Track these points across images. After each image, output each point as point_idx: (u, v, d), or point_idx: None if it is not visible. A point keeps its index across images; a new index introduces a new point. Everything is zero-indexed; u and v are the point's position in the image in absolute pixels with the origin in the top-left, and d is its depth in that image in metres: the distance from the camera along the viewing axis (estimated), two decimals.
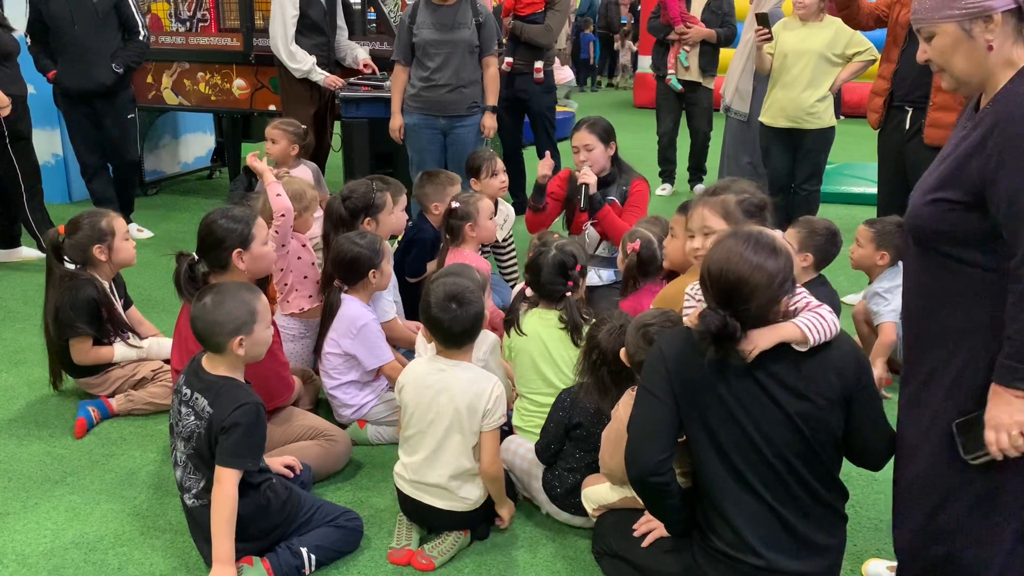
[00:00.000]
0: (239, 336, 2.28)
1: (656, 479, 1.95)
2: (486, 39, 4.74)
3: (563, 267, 2.76)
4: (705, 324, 1.85)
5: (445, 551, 2.43)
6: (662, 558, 2.13)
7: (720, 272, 1.86)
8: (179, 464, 2.35)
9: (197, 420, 2.27)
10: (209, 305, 2.28)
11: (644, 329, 2.20)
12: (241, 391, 2.29)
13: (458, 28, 4.64)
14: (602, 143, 3.85)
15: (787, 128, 4.90)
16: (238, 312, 2.29)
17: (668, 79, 6.61)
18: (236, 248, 2.74)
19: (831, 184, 6.46)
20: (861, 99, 9.72)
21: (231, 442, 2.21)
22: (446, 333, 2.41)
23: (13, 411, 3.31)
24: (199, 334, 2.31)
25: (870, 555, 2.48)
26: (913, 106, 4.03)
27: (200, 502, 2.30)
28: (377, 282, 3.10)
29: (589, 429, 2.49)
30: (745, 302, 1.84)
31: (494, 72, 4.86)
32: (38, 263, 4.99)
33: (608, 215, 3.78)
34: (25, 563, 2.42)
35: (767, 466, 1.92)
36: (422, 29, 4.65)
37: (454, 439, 2.38)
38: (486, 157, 4.18)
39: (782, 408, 1.89)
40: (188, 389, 2.32)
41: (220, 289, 2.35)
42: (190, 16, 6.06)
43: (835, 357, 1.92)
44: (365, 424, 3.08)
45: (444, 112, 4.72)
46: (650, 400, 1.97)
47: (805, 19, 4.78)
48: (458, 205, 3.56)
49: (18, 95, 4.74)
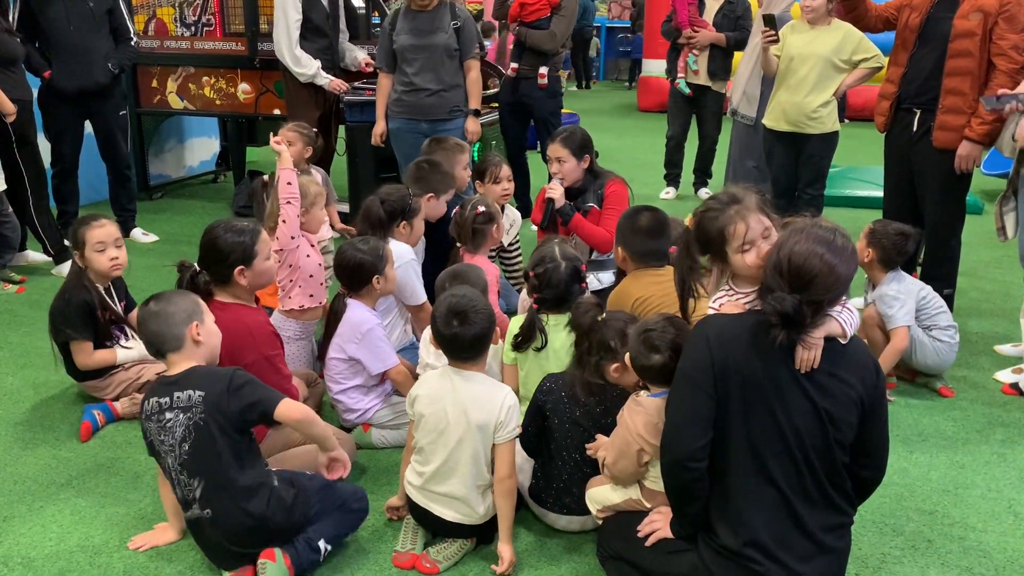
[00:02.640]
0: (193, 322, 2.35)
1: (694, 464, 1.98)
2: (465, 43, 4.76)
3: (576, 273, 2.80)
4: (780, 305, 1.89)
5: (450, 556, 2.42)
6: (667, 559, 2.13)
7: (803, 262, 1.90)
8: (175, 482, 2.32)
9: (187, 413, 2.25)
10: (154, 307, 2.35)
11: (646, 334, 2.22)
12: (213, 370, 2.36)
13: (436, 33, 4.66)
14: (575, 157, 3.84)
15: (789, 132, 4.89)
16: (184, 303, 2.38)
17: (676, 83, 6.62)
18: (239, 265, 2.74)
19: (836, 188, 6.45)
20: (866, 102, 9.72)
21: (256, 392, 2.28)
22: (453, 347, 2.40)
23: (19, 414, 3.31)
24: (154, 337, 2.35)
25: (875, 559, 2.47)
26: (921, 109, 4.02)
27: (204, 512, 2.28)
28: (382, 287, 3.10)
29: (559, 420, 2.50)
30: (820, 294, 1.90)
31: (476, 76, 4.86)
32: (44, 266, 5.01)
33: (580, 225, 3.79)
34: (31, 566, 2.42)
35: (789, 458, 1.95)
36: (400, 35, 4.69)
37: (466, 451, 2.37)
38: (492, 162, 4.19)
39: (812, 402, 1.94)
40: (163, 399, 2.30)
41: (159, 296, 2.40)
42: (195, 20, 6.08)
43: (857, 359, 2.00)
44: (369, 428, 3.08)
45: (426, 116, 4.73)
46: (691, 386, 1.99)
47: (813, 23, 4.77)
48: (483, 209, 3.57)
49: (24, 100, 4.76)
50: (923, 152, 4.01)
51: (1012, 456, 3.07)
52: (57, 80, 5.08)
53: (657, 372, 2.20)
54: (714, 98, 6.59)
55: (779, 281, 1.92)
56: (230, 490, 2.26)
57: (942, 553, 2.51)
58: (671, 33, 6.59)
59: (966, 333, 4.01)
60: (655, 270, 2.95)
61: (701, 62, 6.46)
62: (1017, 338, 3.98)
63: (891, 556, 2.50)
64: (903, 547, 2.54)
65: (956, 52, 3.82)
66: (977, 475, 2.95)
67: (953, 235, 4.10)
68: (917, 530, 2.63)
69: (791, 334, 1.91)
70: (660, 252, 2.97)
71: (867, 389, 1.99)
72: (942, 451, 3.11)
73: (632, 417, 2.22)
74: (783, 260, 1.93)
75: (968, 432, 3.24)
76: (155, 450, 2.34)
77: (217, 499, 2.26)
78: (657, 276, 2.92)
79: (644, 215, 2.99)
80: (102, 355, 3.28)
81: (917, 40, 3.98)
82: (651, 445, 2.16)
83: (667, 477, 2.06)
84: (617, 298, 2.97)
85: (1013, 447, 3.13)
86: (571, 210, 3.80)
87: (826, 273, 1.90)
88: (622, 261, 3.06)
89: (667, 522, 2.16)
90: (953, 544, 2.55)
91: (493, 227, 3.60)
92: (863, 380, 1.99)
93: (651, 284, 2.90)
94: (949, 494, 2.83)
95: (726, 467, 2.00)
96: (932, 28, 3.92)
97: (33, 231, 5.02)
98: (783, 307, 1.89)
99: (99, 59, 5.16)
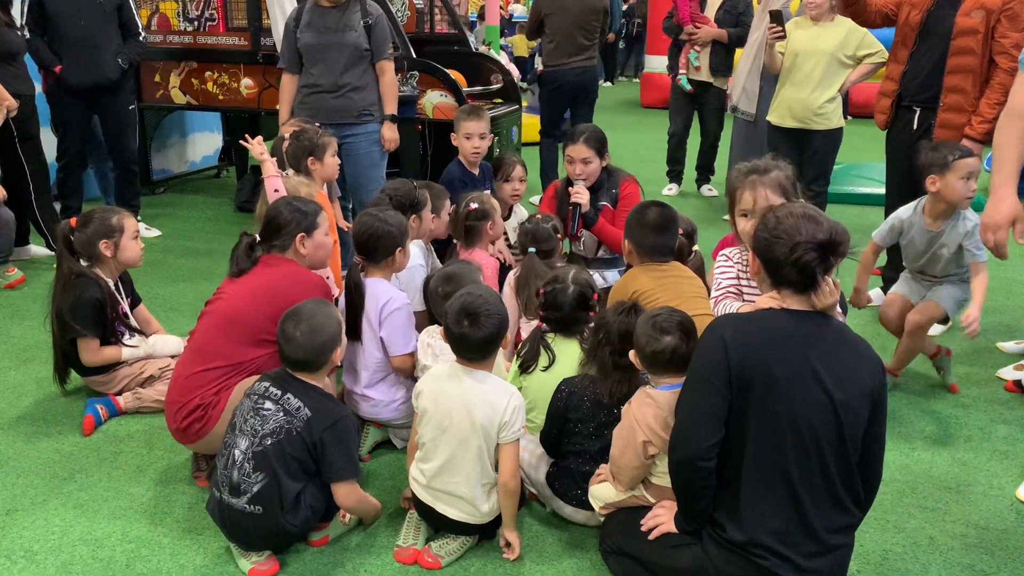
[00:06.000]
0: (337, 348, 2.48)
1: (703, 463, 1.99)
2: (377, 42, 4.40)
3: (584, 300, 2.75)
4: (816, 236, 1.96)
5: (452, 552, 2.43)
6: (670, 553, 2.14)
7: (844, 231, 2.01)
8: (235, 464, 2.34)
9: (288, 417, 2.33)
10: (306, 332, 2.39)
11: (653, 319, 2.26)
12: (331, 404, 2.43)
13: (344, 31, 4.32)
14: (599, 156, 3.82)
15: (795, 128, 4.88)
16: (331, 328, 2.46)
17: (678, 79, 6.61)
18: (300, 233, 2.82)
19: (838, 184, 6.45)
20: (868, 99, 9.70)
21: (339, 456, 2.36)
22: (461, 346, 2.39)
23: (21, 408, 3.32)
24: (303, 361, 2.41)
25: (876, 556, 2.47)
26: (921, 106, 4.01)
27: (252, 508, 2.30)
28: (400, 262, 3.04)
29: (586, 421, 2.49)
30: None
31: (390, 78, 4.49)
32: (47, 261, 5.01)
33: (603, 229, 3.78)
34: (33, 559, 2.42)
35: (803, 455, 1.96)
36: (304, 33, 4.37)
37: (469, 449, 2.36)
38: (508, 161, 4.19)
39: (829, 394, 1.95)
40: (277, 389, 2.39)
41: (302, 315, 2.43)
42: (198, 15, 6.07)
43: (866, 353, 2.03)
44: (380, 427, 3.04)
45: (330, 119, 4.29)
46: (704, 383, 2.00)
47: (817, 19, 4.77)
48: (476, 206, 3.56)
49: (26, 94, 4.76)
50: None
51: (1015, 453, 3.07)
52: (67, 75, 5.08)
53: (667, 358, 2.21)
54: (716, 94, 6.58)
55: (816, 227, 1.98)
56: (284, 500, 2.32)
57: (944, 551, 2.51)
58: (672, 30, 6.58)
59: None
60: (658, 265, 2.95)
61: (703, 58, 6.45)
62: (1020, 335, 3.98)
63: (893, 553, 2.50)
64: (905, 544, 2.54)
65: (958, 50, 3.81)
66: (980, 472, 2.94)
67: None
68: (919, 527, 2.63)
69: (828, 266, 1.97)
70: (665, 247, 2.98)
71: (875, 385, 2.01)
72: (944, 448, 3.10)
73: (641, 409, 2.22)
74: (832, 226, 2.01)
75: (971, 429, 3.23)
76: (231, 422, 2.42)
77: (269, 502, 2.30)
78: (660, 271, 2.93)
79: (652, 210, 2.99)
80: (109, 352, 3.28)
81: (918, 37, 3.98)
82: (659, 438, 2.16)
83: (675, 474, 2.07)
84: (618, 290, 2.98)
85: (1016, 444, 3.13)
86: (595, 215, 3.79)
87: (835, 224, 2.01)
88: (628, 254, 3.06)
89: (671, 516, 2.17)
90: (955, 542, 2.55)
91: (487, 224, 3.59)
92: (871, 374, 2.01)
93: (653, 278, 2.90)
94: (951, 491, 2.83)
95: (739, 464, 2.00)
96: (933, 25, 3.91)
97: (35, 226, 5.03)
98: (820, 237, 1.95)
99: (109, 54, 5.18)
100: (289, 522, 2.33)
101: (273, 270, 2.79)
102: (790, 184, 2.62)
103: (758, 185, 2.61)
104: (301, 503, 2.35)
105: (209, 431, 2.65)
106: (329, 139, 3.75)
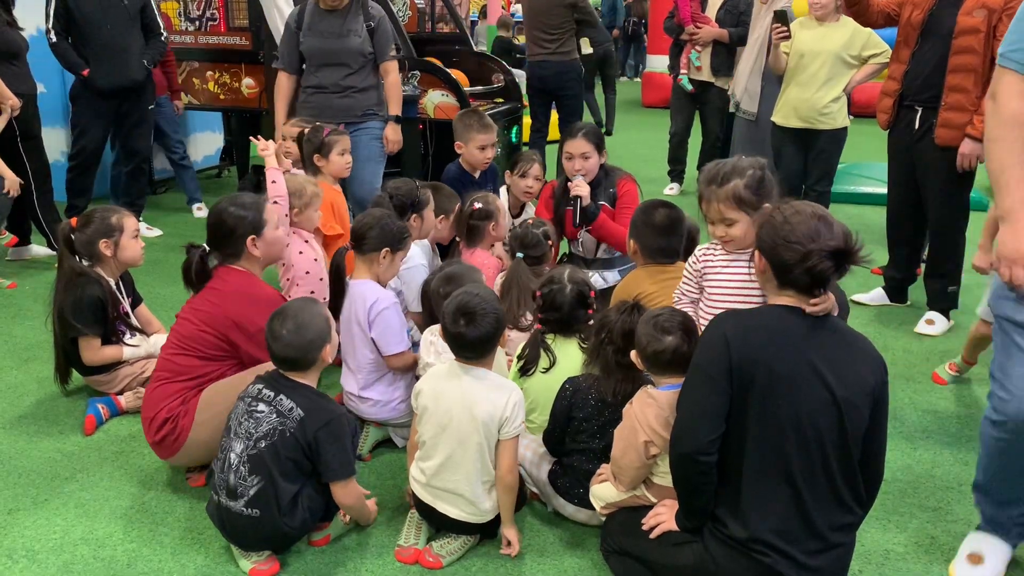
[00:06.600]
0: (326, 345, 2.42)
1: (704, 458, 1.99)
2: (380, 45, 4.41)
3: (582, 297, 2.75)
4: (828, 244, 1.96)
5: (453, 551, 2.43)
6: (671, 551, 2.14)
7: (852, 235, 2.00)
8: (231, 467, 2.34)
9: (281, 419, 2.32)
10: (293, 329, 2.36)
11: (655, 319, 2.26)
12: (324, 402, 2.40)
13: (347, 36, 4.32)
14: (598, 152, 3.82)
15: (800, 128, 4.88)
16: (319, 325, 2.41)
17: (679, 79, 6.61)
18: (249, 235, 2.77)
19: (841, 184, 6.43)
20: (870, 99, 9.66)
21: (336, 454, 2.32)
22: (458, 345, 2.39)
23: (23, 408, 3.32)
24: (292, 359, 2.38)
25: (878, 555, 2.47)
26: (923, 106, 4.01)
27: (249, 511, 2.30)
28: (386, 265, 2.97)
29: (590, 420, 2.49)
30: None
31: (394, 79, 4.50)
32: (48, 261, 5.02)
33: (604, 224, 3.77)
34: (35, 559, 2.42)
35: (806, 453, 1.96)
36: (307, 37, 4.37)
37: (469, 447, 2.36)
38: (525, 158, 4.18)
39: (831, 392, 1.95)
40: (270, 391, 2.37)
41: (288, 313, 2.40)
42: (199, 15, 6.08)
43: (867, 353, 2.04)
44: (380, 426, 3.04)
45: (335, 118, 4.29)
46: (705, 379, 2.00)
47: (822, 19, 4.76)
48: (480, 205, 3.56)
49: (28, 94, 4.76)
50: (925, 150, 4.00)
51: None
52: (95, 79, 5.09)
53: (669, 358, 2.21)
54: (717, 94, 6.58)
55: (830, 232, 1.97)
56: (281, 502, 2.31)
57: (946, 550, 2.51)
58: (673, 29, 6.58)
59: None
60: (663, 267, 2.95)
61: (704, 58, 6.45)
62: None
63: (894, 553, 2.49)
64: (907, 544, 2.54)
65: (959, 49, 3.80)
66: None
67: (958, 232, 4.09)
68: (921, 527, 2.62)
69: (842, 271, 1.98)
70: (671, 249, 2.98)
71: (877, 381, 2.01)
72: (946, 448, 3.10)
73: (643, 409, 2.22)
74: (841, 229, 2.00)
75: (973, 429, 3.23)
76: (227, 425, 2.40)
77: (266, 504, 2.30)
78: (664, 273, 2.92)
79: (660, 211, 2.98)
80: (110, 351, 3.28)
81: (920, 37, 3.97)
82: (661, 438, 2.16)
83: (676, 469, 2.07)
84: (622, 290, 2.97)
85: None
86: (596, 209, 3.78)
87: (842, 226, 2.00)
88: (633, 254, 3.06)
89: (672, 515, 2.17)
90: (957, 542, 2.54)
91: (490, 224, 3.59)
92: (874, 372, 2.02)
93: (656, 281, 2.90)
94: (953, 491, 2.82)
95: (740, 461, 2.00)
96: (935, 24, 3.91)
97: (37, 225, 5.03)
98: (833, 244, 1.94)
99: (135, 57, 5.19)
100: (287, 524, 2.33)
101: (218, 292, 2.76)
102: (752, 192, 2.43)
103: (712, 199, 2.48)
104: (298, 504, 2.35)
105: (183, 442, 2.65)
106: (338, 137, 3.84)
